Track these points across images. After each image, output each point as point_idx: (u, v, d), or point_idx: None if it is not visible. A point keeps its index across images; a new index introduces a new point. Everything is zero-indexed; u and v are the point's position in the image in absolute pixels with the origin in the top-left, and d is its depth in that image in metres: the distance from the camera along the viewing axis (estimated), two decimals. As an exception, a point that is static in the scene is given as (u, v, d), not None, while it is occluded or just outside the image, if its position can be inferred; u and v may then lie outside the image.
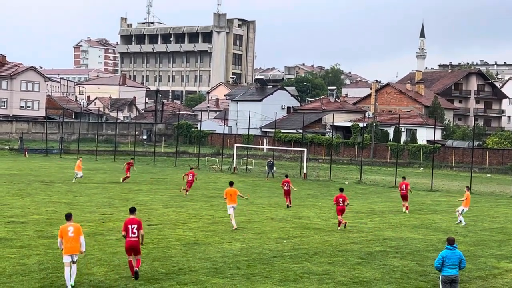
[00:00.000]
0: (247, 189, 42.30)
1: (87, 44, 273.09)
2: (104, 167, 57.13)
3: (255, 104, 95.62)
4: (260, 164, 66.78)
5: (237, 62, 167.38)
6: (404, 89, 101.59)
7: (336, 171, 61.21)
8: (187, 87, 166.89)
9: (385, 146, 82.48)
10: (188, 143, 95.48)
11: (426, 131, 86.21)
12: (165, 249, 20.87)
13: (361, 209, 33.78)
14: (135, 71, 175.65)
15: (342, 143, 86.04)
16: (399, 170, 57.36)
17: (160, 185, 42.71)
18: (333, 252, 21.49)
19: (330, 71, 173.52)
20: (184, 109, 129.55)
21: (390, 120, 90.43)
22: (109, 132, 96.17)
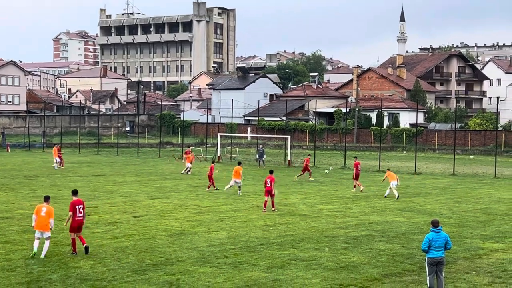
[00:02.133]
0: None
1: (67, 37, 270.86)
2: (88, 160, 56.84)
3: (237, 93, 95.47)
4: (244, 153, 66.78)
5: (218, 51, 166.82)
6: (386, 74, 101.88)
7: (320, 157, 61.34)
8: (169, 77, 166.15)
9: (368, 131, 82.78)
10: (172, 134, 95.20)
11: (409, 115, 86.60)
12: (151, 240, 20.85)
13: (346, 194, 33.93)
14: (115, 62, 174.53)
15: (325, 129, 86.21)
16: (382, 154, 57.61)
17: (144, 176, 42.59)
18: (319, 237, 21.58)
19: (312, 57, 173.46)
20: (166, 99, 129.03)
21: (373, 104, 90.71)
22: (91, 125, 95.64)
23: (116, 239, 20.97)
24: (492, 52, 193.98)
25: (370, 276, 16.59)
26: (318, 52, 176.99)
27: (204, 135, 79.20)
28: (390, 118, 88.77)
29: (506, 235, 22.46)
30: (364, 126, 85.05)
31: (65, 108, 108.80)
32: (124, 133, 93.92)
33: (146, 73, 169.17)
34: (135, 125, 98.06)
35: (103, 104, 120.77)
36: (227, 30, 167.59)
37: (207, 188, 35.10)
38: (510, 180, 43.18)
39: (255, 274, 16.58)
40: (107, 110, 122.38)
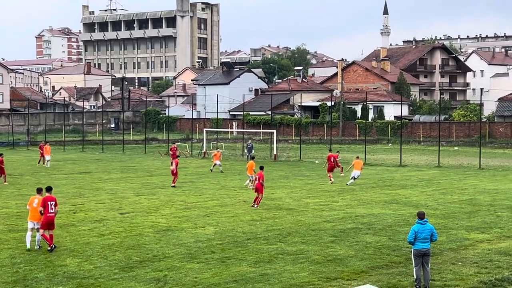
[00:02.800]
0: (218, 173, 42.32)
1: (50, 34, 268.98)
2: (73, 157, 56.56)
3: (222, 88, 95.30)
4: (230, 148, 66.76)
5: (203, 46, 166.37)
6: (370, 67, 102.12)
7: (306, 151, 61.46)
8: (153, 73, 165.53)
9: (354, 124, 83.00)
10: (157, 130, 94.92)
11: (393, 107, 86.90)
12: (138, 237, 20.79)
13: (332, 187, 34.02)
14: (99, 59, 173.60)
15: (311, 123, 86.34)
16: (368, 147, 57.82)
17: (130, 173, 42.45)
18: (306, 231, 21.63)
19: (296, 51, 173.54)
20: (151, 95, 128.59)
21: (358, 98, 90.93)
22: (76, 122, 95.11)
23: (103, 236, 20.89)
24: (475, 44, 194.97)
25: (357, 268, 16.65)
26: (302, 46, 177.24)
27: (189, 131, 79.06)
28: (375, 111, 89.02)
29: (491, 226, 22.63)
30: (349, 119, 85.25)
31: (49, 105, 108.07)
32: (109, 130, 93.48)
33: (130, 69, 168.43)
34: (120, 122, 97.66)
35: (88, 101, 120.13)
36: (211, 25, 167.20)
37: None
38: (494, 171, 43.51)
39: (243, 269, 16.60)
40: (92, 107, 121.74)
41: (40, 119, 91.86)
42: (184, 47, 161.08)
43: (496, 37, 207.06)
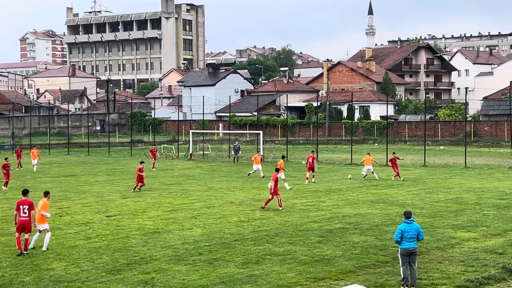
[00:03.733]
0: (205, 175, 42.27)
1: (34, 36, 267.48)
2: (58, 160, 56.27)
3: (208, 89, 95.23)
4: (217, 149, 66.68)
5: (188, 48, 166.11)
6: (355, 67, 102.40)
7: (292, 151, 61.52)
8: (139, 75, 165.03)
9: (340, 124, 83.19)
10: (143, 132, 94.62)
11: (379, 107, 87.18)
12: (125, 239, 20.72)
13: (319, 187, 34.09)
14: (84, 61, 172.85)
15: (297, 124, 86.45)
16: (354, 147, 57.97)
17: (116, 176, 42.30)
18: (293, 232, 21.66)
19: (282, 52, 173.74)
20: (136, 97, 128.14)
21: (343, 98, 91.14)
22: (61, 125, 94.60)
23: (89, 239, 20.81)
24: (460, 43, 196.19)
25: (344, 268, 16.70)
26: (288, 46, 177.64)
27: (175, 133, 78.89)
28: (360, 111, 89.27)
29: (477, 224, 22.77)
30: (335, 120, 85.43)
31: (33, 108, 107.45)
32: (94, 133, 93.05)
33: (116, 71, 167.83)
34: (105, 124, 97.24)
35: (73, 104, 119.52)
36: (196, 27, 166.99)
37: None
38: (480, 170, 43.77)
39: (230, 270, 16.59)
40: (77, 110, 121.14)
41: (25, 122, 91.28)
42: (169, 48, 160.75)
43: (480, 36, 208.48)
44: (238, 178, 40.13)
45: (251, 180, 38.45)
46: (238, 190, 33.56)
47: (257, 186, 35.37)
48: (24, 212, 18.74)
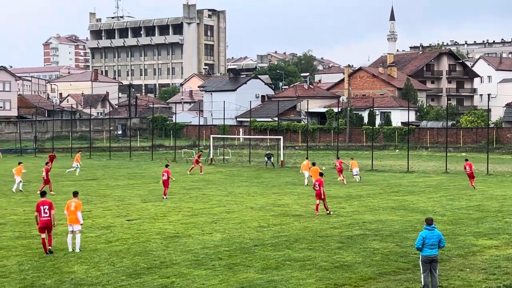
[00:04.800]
0: (225, 180, 42.34)
1: (57, 41, 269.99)
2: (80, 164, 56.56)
3: (229, 94, 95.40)
4: (237, 154, 66.78)
5: (209, 53, 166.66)
6: (377, 73, 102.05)
7: (313, 157, 61.32)
8: (160, 80, 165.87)
9: (360, 130, 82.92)
10: (164, 136, 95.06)
11: (400, 113, 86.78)
12: (145, 243, 20.81)
13: (339, 193, 33.99)
14: (106, 66, 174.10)
15: (317, 129, 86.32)
16: (375, 153, 57.73)
17: (137, 180, 42.52)
18: (313, 238, 21.60)
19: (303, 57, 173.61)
20: (158, 102, 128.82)
21: (364, 104, 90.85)
22: (83, 129, 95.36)
23: (110, 243, 20.93)
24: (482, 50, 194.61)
25: (364, 275, 16.61)
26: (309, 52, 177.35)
27: (196, 137, 79.16)
28: (381, 117, 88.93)
29: (499, 232, 22.54)
30: (356, 126, 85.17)
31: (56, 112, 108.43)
32: (116, 137, 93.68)
33: (137, 76, 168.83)
34: (127, 129, 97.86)
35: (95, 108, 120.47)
36: (218, 32, 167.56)
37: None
38: (502, 177, 43.35)
39: (250, 276, 16.58)
40: (99, 114, 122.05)
41: (47, 126, 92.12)
42: (190, 54, 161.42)
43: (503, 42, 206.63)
44: (258, 183, 40.14)
45: (271, 185, 38.43)
46: (258, 195, 33.56)
47: (277, 191, 35.35)
48: (45, 212, 19.23)
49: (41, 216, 19.24)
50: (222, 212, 27.45)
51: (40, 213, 19.25)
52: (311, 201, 31.29)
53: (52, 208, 19.48)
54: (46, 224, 19.24)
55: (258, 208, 28.79)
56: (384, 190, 35.83)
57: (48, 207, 19.34)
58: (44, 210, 19.25)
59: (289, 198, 32.56)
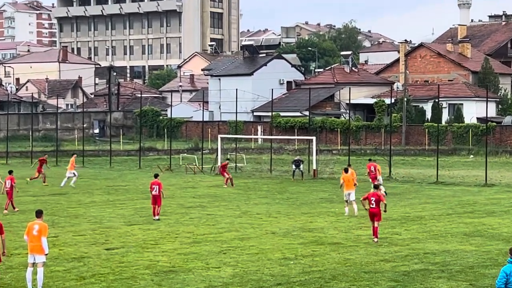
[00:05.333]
0: (238, 195, 42.37)
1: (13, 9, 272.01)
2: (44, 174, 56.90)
3: (243, 80, 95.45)
4: (254, 161, 66.78)
5: (217, 24, 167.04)
6: (444, 51, 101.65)
7: (356, 164, 61.20)
8: (151, 60, 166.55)
9: (421, 129, 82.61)
10: (156, 136, 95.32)
11: (476, 106, 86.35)
12: (130, 280, 20.89)
13: (393, 214, 33.91)
14: (79, 42, 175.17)
15: (363, 127, 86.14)
16: (441, 159, 57.48)
17: (120, 195, 42.66)
18: (357, 274, 21.59)
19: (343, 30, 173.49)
20: (148, 90, 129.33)
21: (427, 93, 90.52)
22: (47, 126, 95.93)
23: (83, 280, 21.04)
24: None
25: (426, 325, 16.57)
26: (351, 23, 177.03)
27: (199, 138, 79.28)
28: (450, 110, 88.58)
29: None
30: (415, 122, 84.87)
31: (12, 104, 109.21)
32: (91, 137, 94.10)
33: (120, 56, 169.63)
34: (106, 126, 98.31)
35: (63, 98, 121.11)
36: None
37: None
38: None
39: (271, 325, 16.60)
40: (69, 106, 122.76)
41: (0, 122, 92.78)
42: (192, 25, 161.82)
43: None
44: (282, 200, 40.13)
45: (299, 203, 38.40)
46: (282, 217, 33.55)
47: (308, 211, 35.31)
48: None
49: None
50: (234, 239, 27.47)
51: None
52: (353, 224, 31.22)
53: (2, 231, 19.73)
54: None
55: (282, 233, 28.79)
56: (454, 210, 35.69)
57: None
58: None
59: (324, 220, 32.52)
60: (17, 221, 32.22)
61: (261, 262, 23.36)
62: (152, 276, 21.43)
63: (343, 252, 24.92)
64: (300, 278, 21.12)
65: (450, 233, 28.92)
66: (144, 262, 23.30)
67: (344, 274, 21.63)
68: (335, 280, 20.87)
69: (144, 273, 21.76)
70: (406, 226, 30.60)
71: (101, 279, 21.09)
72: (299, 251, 25.10)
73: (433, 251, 25.04)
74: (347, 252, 24.92)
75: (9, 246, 25.24)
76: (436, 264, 23.02)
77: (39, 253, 19.77)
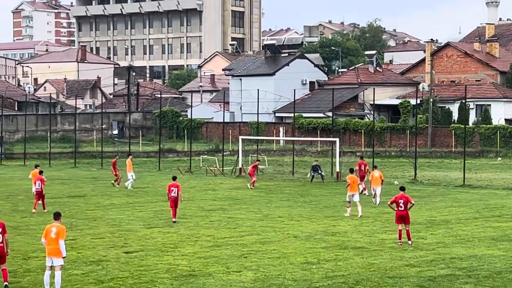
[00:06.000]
0: (260, 198, 42.36)
1: (31, 8, 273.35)
2: (62, 176, 57.22)
3: (265, 80, 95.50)
4: (276, 163, 66.77)
5: (238, 23, 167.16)
6: (471, 50, 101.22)
7: (381, 167, 60.93)
8: (171, 60, 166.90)
9: (448, 130, 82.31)
10: (176, 138, 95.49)
11: (504, 107, 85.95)
12: (149, 284, 20.95)
13: (418, 218, 33.79)
14: (98, 41, 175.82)
15: (387, 129, 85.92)
16: (468, 162, 57.22)
17: (139, 197, 42.77)
18: (381, 279, 21.54)
19: (368, 29, 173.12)
20: (167, 90, 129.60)
21: (453, 93, 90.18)
22: (66, 127, 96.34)
23: (102, 283, 21.11)
24: None
25: (452, 332, 16.50)
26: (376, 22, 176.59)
27: (219, 139, 79.36)
28: (478, 111, 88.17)
29: None
30: (441, 124, 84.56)
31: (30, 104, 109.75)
32: (110, 138, 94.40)
33: (140, 56, 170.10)
34: (125, 127, 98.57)
35: (82, 99, 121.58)
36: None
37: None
38: None
39: (293, 331, 16.59)
40: (87, 107, 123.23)
41: (17, 123, 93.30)
42: (213, 24, 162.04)
43: None
44: (304, 203, 40.10)
45: (322, 206, 38.37)
46: (304, 220, 33.52)
47: (331, 214, 35.26)
48: None
49: None
50: (255, 243, 27.47)
51: None
52: (377, 227, 31.15)
53: (5, 231, 19.91)
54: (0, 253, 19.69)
55: (304, 237, 28.77)
56: (481, 214, 35.52)
57: (1, 230, 19.78)
58: None
59: (347, 223, 32.47)
60: (35, 223, 32.40)
61: (283, 266, 23.35)
62: (171, 280, 21.47)
63: (367, 257, 24.86)
64: (323, 283, 21.10)
65: (477, 237, 28.79)
66: (164, 266, 23.35)
67: (368, 279, 21.58)
68: (358, 285, 20.84)
69: (163, 277, 21.81)
70: (432, 230, 30.50)
71: (120, 282, 21.16)
72: (322, 255, 25.07)
73: (459, 256, 24.94)
74: (371, 257, 24.86)
75: (26, 249, 25.57)
76: (463, 269, 22.93)
77: (56, 256, 19.78)
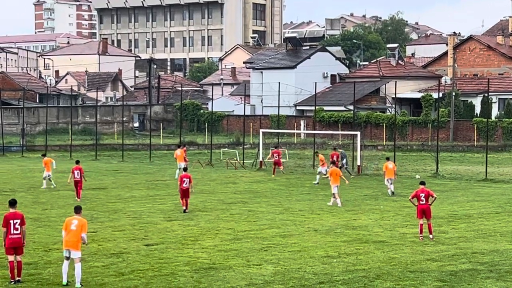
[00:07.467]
0: (280, 191, 42.37)
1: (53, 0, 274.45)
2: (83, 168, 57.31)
3: (286, 73, 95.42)
4: (297, 156, 66.74)
5: (260, 16, 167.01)
6: (494, 44, 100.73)
7: (402, 161, 60.96)
8: (192, 53, 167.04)
9: (470, 124, 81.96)
10: (196, 131, 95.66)
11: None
12: (170, 277, 21.00)
13: (440, 212, 33.68)
14: (119, 34, 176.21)
15: (409, 122, 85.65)
16: (490, 156, 56.95)
17: (159, 190, 42.87)
18: (402, 273, 21.50)
19: (390, 22, 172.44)
20: (188, 83, 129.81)
21: (476, 87, 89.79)
22: (87, 120, 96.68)
23: (122, 276, 21.19)
24: None
25: (474, 327, 16.45)
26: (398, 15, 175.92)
27: (240, 132, 79.40)
28: (501, 105, 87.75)
29: None
30: (463, 118, 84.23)
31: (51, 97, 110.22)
32: (131, 131, 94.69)
33: (161, 48, 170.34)
34: (146, 120, 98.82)
35: (103, 91, 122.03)
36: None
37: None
38: None
39: (313, 324, 16.58)
40: (108, 99, 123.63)
41: (39, 115, 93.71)
42: (234, 17, 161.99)
43: None
44: (325, 196, 40.04)
45: (343, 200, 38.29)
46: (325, 214, 33.49)
47: (352, 208, 35.21)
48: (15, 228, 19.67)
49: (10, 233, 19.69)
50: (275, 236, 27.48)
51: (9, 229, 19.69)
52: (398, 221, 31.07)
53: (24, 223, 19.96)
54: (16, 244, 19.75)
55: (324, 231, 28.75)
56: (503, 209, 35.36)
57: (20, 222, 19.82)
58: (14, 225, 19.69)
59: (369, 217, 32.40)
60: (56, 215, 32.56)
61: (303, 260, 23.36)
62: (191, 273, 21.52)
63: (388, 251, 24.82)
64: (343, 276, 21.08)
65: (499, 232, 28.67)
66: (184, 259, 23.41)
67: (389, 273, 21.54)
68: (379, 279, 20.80)
69: (183, 270, 21.86)
70: (454, 225, 30.39)
71: (140, 275, 21.23)
72: (343, 249, 25.04)
73: (481, 251, 24.84)
74: (392, 251, 24.81)
75: (47, 241, 25.73)
76: (485, 264, 22.84)
77: (74, 248, 19.75)
